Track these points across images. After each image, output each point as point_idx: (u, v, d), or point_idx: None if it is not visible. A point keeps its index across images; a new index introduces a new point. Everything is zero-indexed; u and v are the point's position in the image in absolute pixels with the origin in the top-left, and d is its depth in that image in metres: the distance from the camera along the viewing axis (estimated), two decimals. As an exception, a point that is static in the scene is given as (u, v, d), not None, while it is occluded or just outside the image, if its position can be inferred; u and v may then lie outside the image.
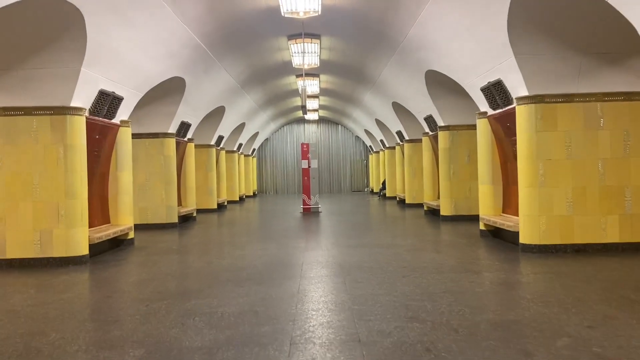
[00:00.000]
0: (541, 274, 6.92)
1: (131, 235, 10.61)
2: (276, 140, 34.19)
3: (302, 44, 13.14)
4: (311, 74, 18.02)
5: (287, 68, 16.26)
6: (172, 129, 13.95)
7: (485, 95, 10.09)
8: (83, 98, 8.65)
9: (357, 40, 13.01)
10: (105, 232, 9.44)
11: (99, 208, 10.10)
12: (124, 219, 10.47)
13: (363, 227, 13.38)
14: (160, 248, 10.16)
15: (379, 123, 22.85)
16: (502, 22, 7.79)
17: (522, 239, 8.72)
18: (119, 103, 9.92)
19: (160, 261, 8.60)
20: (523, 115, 8.66)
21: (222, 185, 21.61)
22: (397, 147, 21.89)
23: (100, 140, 9.86)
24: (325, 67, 16.43)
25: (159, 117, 13.53)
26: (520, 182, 8.74)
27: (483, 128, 10.73)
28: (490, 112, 10.38)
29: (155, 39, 9.71)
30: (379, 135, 25.07)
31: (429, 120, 15.08)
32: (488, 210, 10.74)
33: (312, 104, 25.35)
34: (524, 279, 6.80)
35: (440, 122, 14.28)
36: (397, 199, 22.01)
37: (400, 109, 17.73)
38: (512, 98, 9.18)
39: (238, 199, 24.75)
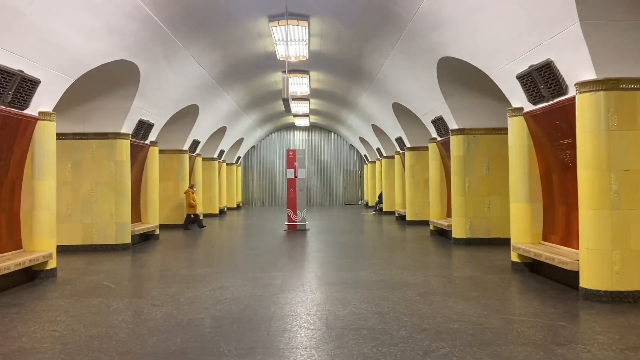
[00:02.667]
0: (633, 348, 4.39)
1: (51, 264, 7.99)
2: (264, 148, 31.65)
3: (285, 26, 10.65)
4: (299, 69, 15.54)
5: (271, 61, 13.77)
6: (127, 128, 11.37)
7: (524, 85, 7.62)
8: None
9: (354, 22, 10.54)
10: (5, 264, 6.83)
11: (3, 228, 7.48)
12: (40, 243, 7.85)
13: (358, 252, 10.82)
14: (87, 284, 7.54)
15: (375, 129, 20.39)
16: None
17: (585, 282, 6.19)
18: (34, 87, 7.34)
19: (70, 309, 6.00)
20: (587, 108, 6.16)
21: (197, 197, 18.94)
22: (397, 156, 19.41)
23: (6, 137, 7.28)
24: (315, 60, 13.95)
25: (108, 114, 10.95)
26: (582, 201, 6.24)
27: (518, 129, 8.25)
28: (529, 107, 7.90)
29: (83, 3, 7.17)
30: (375, 143, 22.60)
31: (439, 123, 12.60)
32: (523, 237, 8.22)
33: (302, 107, 22.89)
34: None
35: (453, 125, 11.80)
36: (396, 214, 19.48)
37: (401, 112, 15.26)
38: (566, 85, 6.70)
39: (217, 212, 22.12)
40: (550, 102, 7.22)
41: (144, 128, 12.18)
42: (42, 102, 7.79)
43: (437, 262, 9.28)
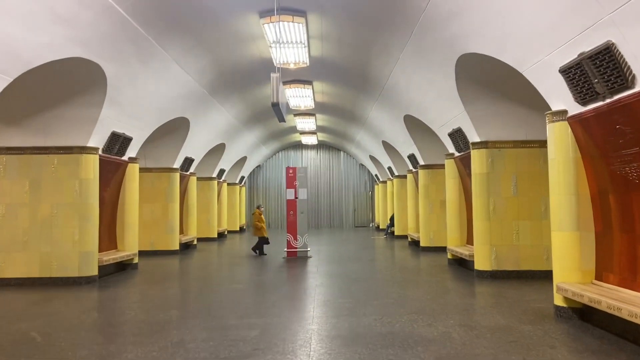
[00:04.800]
0: None
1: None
2: (269, 168, 30.11)
3: (278, 22, 9.13)
4: (301, 80, 14.05)
5: (269, 70, 12.15)
6: (96, 141, 9.86)
7: (570, 81, 5.93)
8: None
9: (357, 18, 8.99)
10: None
11: None
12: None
13: (364, 288, 9.07)
14: (12, 335, 5.92)
15: (386, 146, 18.73)
16: None
17: (674, 347, 4.40)
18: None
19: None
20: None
21: (190, 220, 17.38)
22: (409, 175, 17.68)
23: None
24: (317, 68, 12.42)
25: (73, 124, 9.46)
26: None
27: (560, 137, 6.53)
28: (575, 109, 6.20)
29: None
30: (386, 161, 20.92)
31: (457, 136, 10.92)
32: (570, 275, 6.43)
33: (307, 123, 21.43)
34: None
35: (474, 138, 10.11)
36: (409, 239, 17.67)
37: (414, 125, 13.62)
38: (633, 76, 5.01)
39: (216, 235, 20.49)
40: (608, 101, 5.52)
41: (119, 142, 10.66)
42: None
43: (459, 304, 7.50)
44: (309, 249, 14.17)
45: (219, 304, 7.59)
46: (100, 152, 10.08)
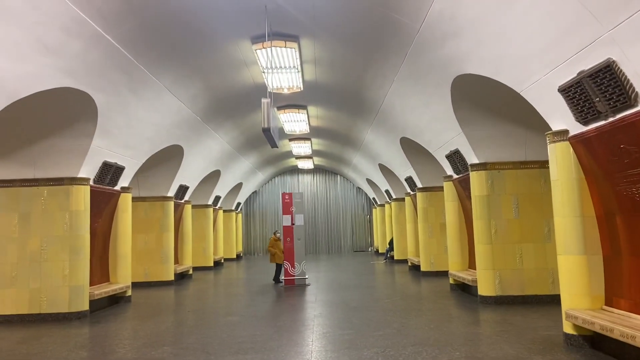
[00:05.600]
0: None
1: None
2: (266, 193, 29.87)
3: (270, 48, 9.04)
4: (295, 104, 13.94)
5: (262, 95, 12.08)
6: (87, 172, 9.63)
7: (570, 100, 5.78)
8: None
9: (350, 42, 8.90)
10: None
11: None
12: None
13: (364, 318, 8.77)
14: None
15: (383, 169, 18.57)
16: None
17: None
18: None
19: None
20: (678, 121, 4.29)
21: (185, 249, 17.05)
22: (407, 198, 17.47)
23: None
24: (311, 92, 12.33)
25: (63, 155, 9.24)
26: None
27: (562, 158, 6.35)
28: (577, 129, 6.04)
29: (-6, 9, 5.58)
30: (383, 184, 20.74)
31: (455, 157, 10.75)
32: (579, 300, 6.17)
33: (303, 148, 21.31)
34: None
35: (473, 159, 9.94)
36: (409, 263, 17.36)
37: (411, 148, 13.48)
38: (636, 94, 4.86)
39: (212, 264, 20.11)
40: (610, 120, 5.36)
41: (111, 172, 10.45)
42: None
43: (464, 333, 7.20)
44: (307, 277, 13.85)
45: (214, 339, 7.26)
46: (91, 182, 9.85)
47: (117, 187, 11.18)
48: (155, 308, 10.46)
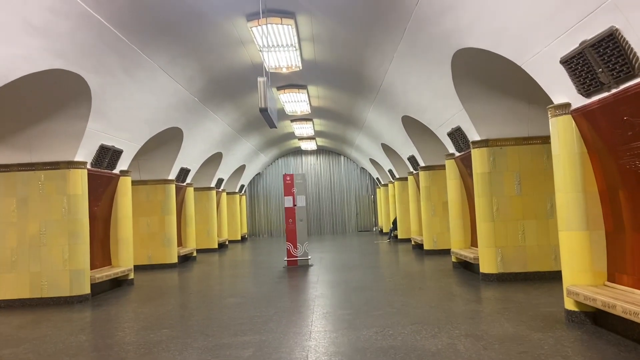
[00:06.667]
0: None
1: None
2: (269, 175, 29.81)
3: (265, 25, 8.84)
4: (295, 84, 13.75)
5: (259, 73, 11.94)
6: (83, 155, 9.55)
7: (572, 71, 5.59)
8: None
9: (348, 18, 8.68)
10: None
11: None
12: None
13: (365, 297, 8.73)
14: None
15: (386, 149, 18.41)
16: None
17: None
18: None
19: None
20: (683, 90, 4.12)
21: (188, 232, 17.06)
22: (410, 177, 17.33)
23: None
24: (311, 71, 12.13)
25: (58, 139, 9.15)
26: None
27: (564, 132, 6.18)
28: (579, 102, 5.86)
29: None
30: (387, 164, 20.59)
31: (456, 135, 10.59)
32: (581, 277, 6.07)
33: (305, 129, 21.13)
34: None
35: (475, 136, 9.77)
36: (413, 242, 17.31)
37: (412, 126, 13.30)
38: (639, 64, 4.68)
39: (217, 246, 20.16)
40: (614, 91, 5.18)
41: (109, 155, 10.36)
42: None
43: (465, 311, 7.13)
44: (309, 257, 13.82)
45: (213, 321, 7.24)
46: (88, 166, 9.78)
47: (116, 171, 11.11)
48: (157, 291, 10.47)
